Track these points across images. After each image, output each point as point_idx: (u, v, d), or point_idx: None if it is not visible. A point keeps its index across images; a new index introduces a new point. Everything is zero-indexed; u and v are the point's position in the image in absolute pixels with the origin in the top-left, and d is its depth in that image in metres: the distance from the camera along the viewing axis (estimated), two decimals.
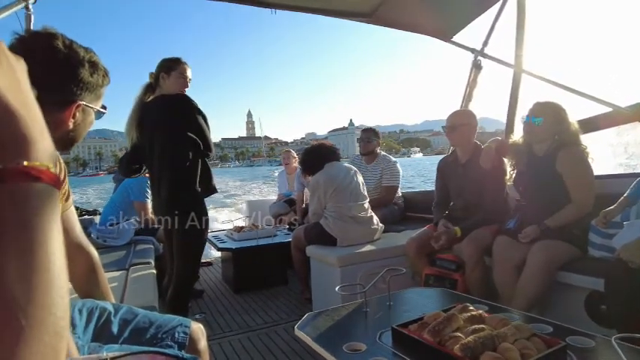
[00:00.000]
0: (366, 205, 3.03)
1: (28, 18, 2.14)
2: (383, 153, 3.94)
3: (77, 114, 0.95)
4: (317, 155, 3.09)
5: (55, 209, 0.36)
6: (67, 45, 0.91)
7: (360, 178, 3.09)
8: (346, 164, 3.16)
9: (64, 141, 0.96)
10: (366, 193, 3.08)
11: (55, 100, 0.90)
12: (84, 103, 0.96)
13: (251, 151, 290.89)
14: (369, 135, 3.89)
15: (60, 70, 0.90)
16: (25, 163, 0.34)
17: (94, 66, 0.96)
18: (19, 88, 0.35)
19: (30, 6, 2.13)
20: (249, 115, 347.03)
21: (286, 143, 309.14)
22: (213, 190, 2.33)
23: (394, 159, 3.91)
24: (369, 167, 3.84)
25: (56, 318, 0.33)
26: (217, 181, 2.29)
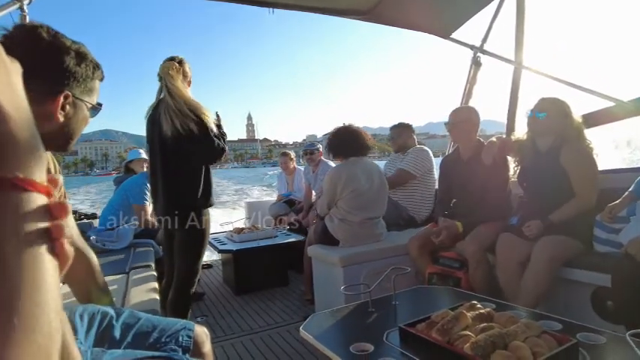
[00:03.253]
0: (377, 217, 2.90)
1: (22, 19, 2.11)
2: (420, 146, 3.61)
3: (67, 107, 0.91)
4: (344, 140, 2.87)
5: (41, 215, 0.34)
6: (51, 34, 0.88)
7: (382, 183, 2.91)
8: (371, 163, 2.95)
9: (58, 138, 0.93)
10: (383, 203, 2.92)
11: (40, 90, 0.86)
12: (72, 94, 0.92)
13: (250, 153, 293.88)
14: (394, 132, 3.70)
15: (42, 57, 0.87)
16: (17, 173, 0.32)
17: (80, 56, 0.93)
18: (12, 91, 0.34)
19: (25, 7, 2.10)
20: (249, 117, 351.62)
21: (284, 145, 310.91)
22: (210, 204, 2.24)
23: (426, 148, 3.56)
24: (402, 157, 3.60)
25: (48, 318, 0.32)
26: (215, 180, 2.22)
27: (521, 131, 2.50)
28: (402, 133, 3.66)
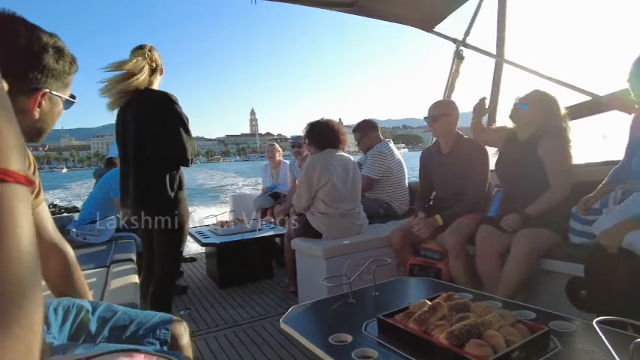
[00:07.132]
0: (357, 208, 2.93)
1: None
2: (385, 143, 3.55)
3: (43, 103, 0.90)
4: (321, 132, 2.92)
5: (22, 205, 0.33)
6: (29, 29, 0.86)
7: (357, 175, 2.96)
8: (346, 156, 2.96)
9: (31, 132, 0.92)
10: (358, 194, 2.95)
11: (18, 89, 0.85)
12: (50, 91, 0.91)
13: (252, 147, 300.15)
14: (356, 135, 3.65)
15: (23, 57, 0.86)
16: None
17: (59, 52, 0.92)
18: None
19: None
20: (253, 112, 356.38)
21: (285, 139, 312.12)
22: (181, 198, 2.18)
23: (384, 148, 3.47)
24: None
25: (28, 312, 0.31)
26: (213, 174, 2.18)
27: (499, 123, 2.55)
28: (364, 135, 3.59)
